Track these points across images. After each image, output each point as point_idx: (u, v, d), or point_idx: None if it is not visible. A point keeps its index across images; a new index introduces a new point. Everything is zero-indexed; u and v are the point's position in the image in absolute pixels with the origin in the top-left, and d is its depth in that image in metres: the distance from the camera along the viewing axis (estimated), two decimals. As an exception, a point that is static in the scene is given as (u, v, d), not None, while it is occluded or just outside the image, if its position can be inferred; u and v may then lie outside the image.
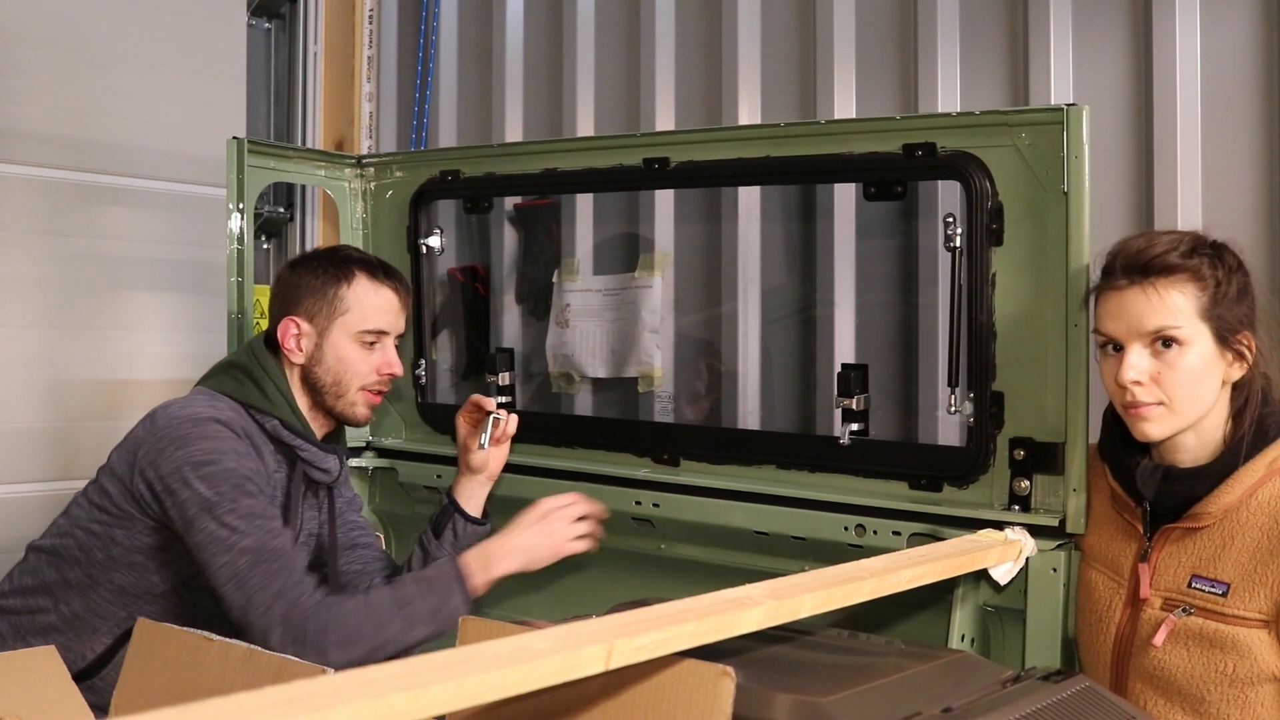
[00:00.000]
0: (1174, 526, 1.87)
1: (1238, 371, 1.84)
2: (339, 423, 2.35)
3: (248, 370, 2.25)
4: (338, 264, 2.28)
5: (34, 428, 3.29)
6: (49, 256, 3.32)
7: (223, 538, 2.04)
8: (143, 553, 2.17)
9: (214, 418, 2.14)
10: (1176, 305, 1.81)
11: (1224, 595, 1.79)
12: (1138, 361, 1.82)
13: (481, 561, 2.16)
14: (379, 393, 2.32)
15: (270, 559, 2.04)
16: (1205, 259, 1.82)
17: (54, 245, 3.33)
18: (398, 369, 2.32)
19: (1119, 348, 1.84)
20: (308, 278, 2.28)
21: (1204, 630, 1.80)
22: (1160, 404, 1.83)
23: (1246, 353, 1.83)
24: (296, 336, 2.26)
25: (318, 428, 2.31)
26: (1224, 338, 1.82)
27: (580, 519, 2.26)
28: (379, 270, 2.31)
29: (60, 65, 3.31)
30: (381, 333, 2.29)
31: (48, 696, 1.70)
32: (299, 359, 2.27)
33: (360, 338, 2.27)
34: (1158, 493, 1.87)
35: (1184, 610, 1.82)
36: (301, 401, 2.28)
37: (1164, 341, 1.81)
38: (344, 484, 2.45)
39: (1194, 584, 1.83)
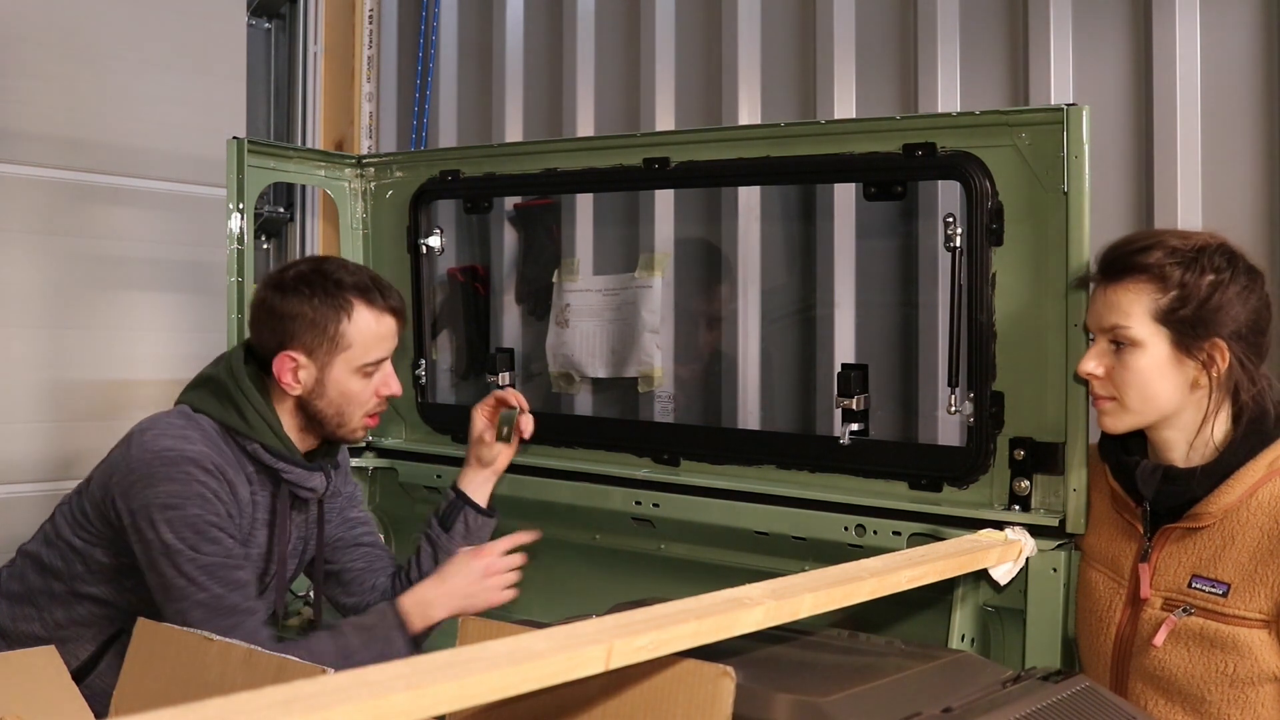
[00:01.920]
0: (1174, 526, 1.87)
1: (1206, 380, 1.82)
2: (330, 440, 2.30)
3: (227, 392, 2.19)
4: (332, 292, 2.18)
5: (34, 428, 3.30)
6: (49, 256, 3.32)
7: (180, 586, 2.06)
8: (121, 572, 2.17)
9: (185, 455, 2.09)
10: (1128, 306, 1.83)
11: (1224, 595, 1.79)
12: (1095, 355, 1.88)
13: (420, 609, 2.16)
14: (377, 413, 2.29)
15: (224, 615, 2.06)
16: (1176, 263, 1.81)
17: (54, 245, 3.33)
18: (397, 389, 2.28)
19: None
20: (302, 308, 2.18)
21: (1204, 630, 1.80)
22: (1113, 399, 1.87)
23: (1219, 360, 1.81)
24: (294, 370, 2.19)
25: (304, 445, 2.25)
26: (1185, 344, 1.81)
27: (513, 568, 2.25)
28: (376, 295, 2.22)
29: (60, 65, 3.31)
30: (382, 359, 2.25)
31: (48, 696, 1.70)
32: (296, 391, 2.20)
33: (363, 370, 2.22)
34: (1158, 492, 1.88)
35: (1184, 610, 1.82)
36: (290, 423, 2.22)
37: (1118, 340, 1.84)
38: (343, 481, 2.44)
39: (1194, 584, 1.83)
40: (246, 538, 2.17)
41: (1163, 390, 1.83)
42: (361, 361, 2.21)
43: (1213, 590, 1.81)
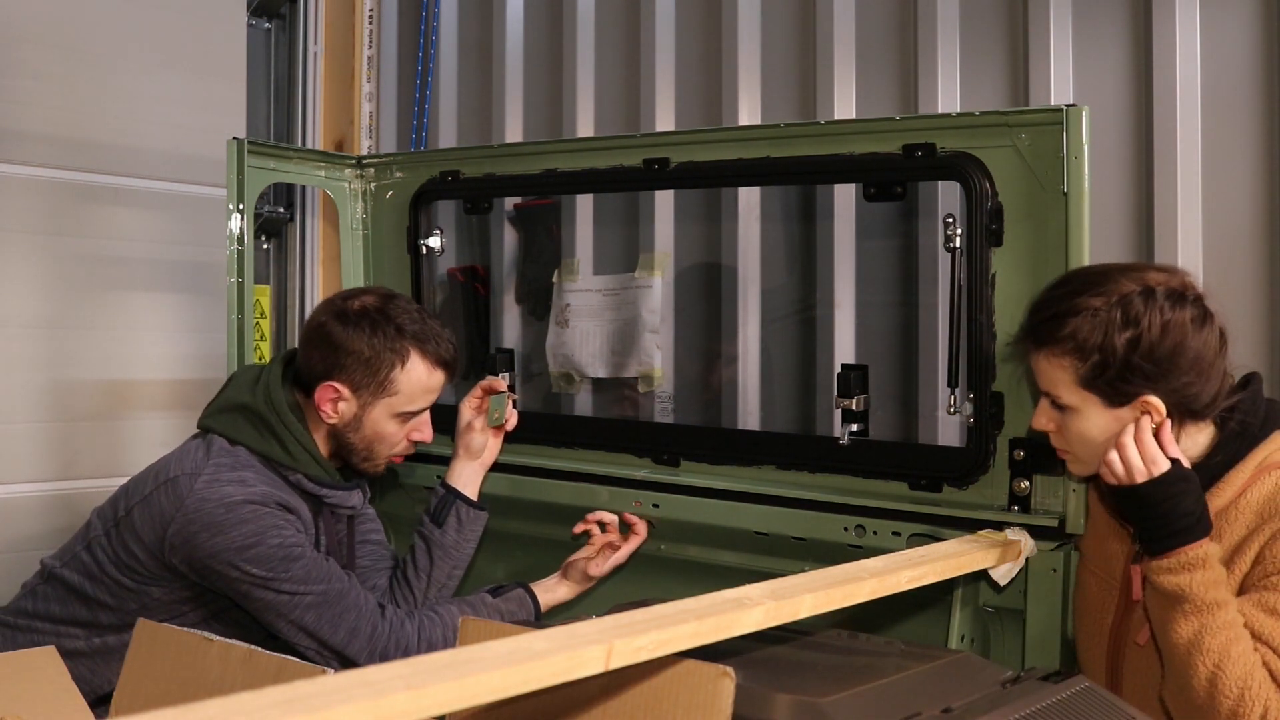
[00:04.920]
0: None
1: (1150, 425, 1.79)
2: None
3: (268, 423, 2.22)
4: (392, 336, 2.22)
5: (34, 428, 3.30)
6: (49, 256, 3.32)
7: (284, 602, 2.13)
8: (180, 603, 2.21)
9: (246, 500, 2.14)
10: (1053, 376, 1.84)
11: None
12: (1043, 412, 1.89)
13: (552, 604, 2.39)
14: (404, 454, 2.34)
15: (331, 604, 2.14)
16: (1091, 328, 1.79)
17: (54, 245, 3.33)
18: (429, 437, 2.33)
19: None
20: (359, 345, 2.21)
21: None
22: (1068, 452, 1.89)
23: (1153, 412, 1.78)
24: (334, 401, 2.23)
25: (336, 462, 2.32)
26: (1117, 401, 1.80)
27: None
28: (433, 347, 2.25)
29: (60, 65, 3.31)
30: (423, 409, 2.30)
31: (48, 696, 1.70)
32: (332, 420, 2.25)
33: (402, 416, 2.27)
34: None
35: None
36: (323, 447, 2.27)
37: (1056, 404, 1.86)
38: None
39: None
40: None
41: (1109, 444, 1.82)
42: (403, 409, 2.26)
43: None
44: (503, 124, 3.49)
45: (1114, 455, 1.79)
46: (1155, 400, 1.79)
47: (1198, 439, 1.85)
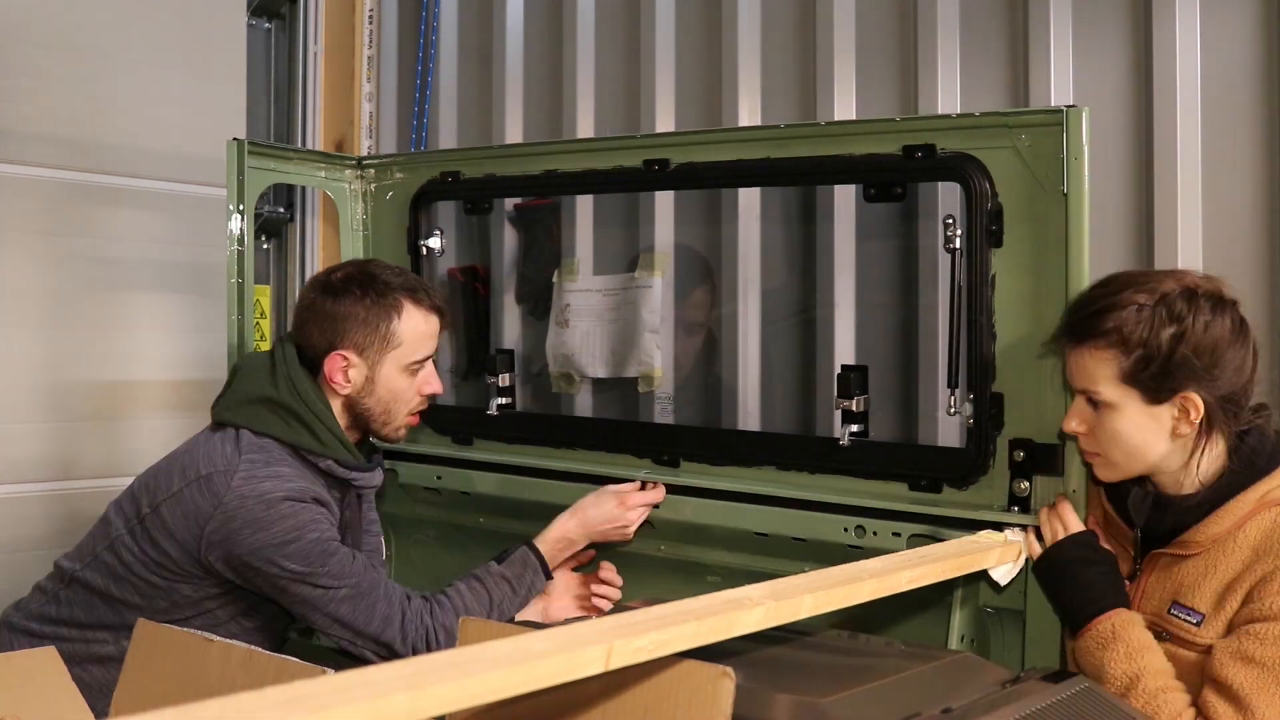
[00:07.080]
0: (1163, 552, 1.88)
1: (1186, 426, 1.80)
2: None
3: (295, 413, 2.23)
4: (382, 292, 2.26)
5: (34, 428, 3.30)
6: (49, 256, 3.32)
7: (318, 596, 2.16)
8: (209, 599, 2.22)
9: (285, 496, 2.15)
10: (1094, 371, 1.84)
11: (1198, 625, 1.79)
12: (1076, 413, 1.90)
13: (558, 546, 2.39)
14: (419, 412, 2.35)
15: (365, 595, 2.17)
16: (1135, 323, 1.80)
17: (54, 245, 3.33)
18: (439, 387, 2.35)
19: None
20: (353, 308, 2.25)
21: (1175, 657, 1.80)
22: (1098, 454, 1.89)
23: (1191, 411, 1.79)
24: (345, 369, 2.26)
25: (354, 434, 2.33)
26: (1156, 399, 1.81)
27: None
28: (423, 295, 2.30)
29: (60, 65, 3.31)
30: (428, 357, 2.32)
31: (48, 696, 1.70)
32: (346, 390, 2.27)
33: (410, 368, 2.29)
34: (1149, 519, 1.88)
35: (1161, 636, 1.82)
36: (342, 421, 2.29)
37: (1093, 400, 1.86)
38: None
39: (1173, 610, 1.83)
40: None
41: (1143, 444, 1.83)
42: (410, 360, 2.28)
43: (1187, 619, 1.81)
44: (503, 124, 3.49)
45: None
46: (1195, 397, 1.79)
47: (1212, 455, 1.84)
